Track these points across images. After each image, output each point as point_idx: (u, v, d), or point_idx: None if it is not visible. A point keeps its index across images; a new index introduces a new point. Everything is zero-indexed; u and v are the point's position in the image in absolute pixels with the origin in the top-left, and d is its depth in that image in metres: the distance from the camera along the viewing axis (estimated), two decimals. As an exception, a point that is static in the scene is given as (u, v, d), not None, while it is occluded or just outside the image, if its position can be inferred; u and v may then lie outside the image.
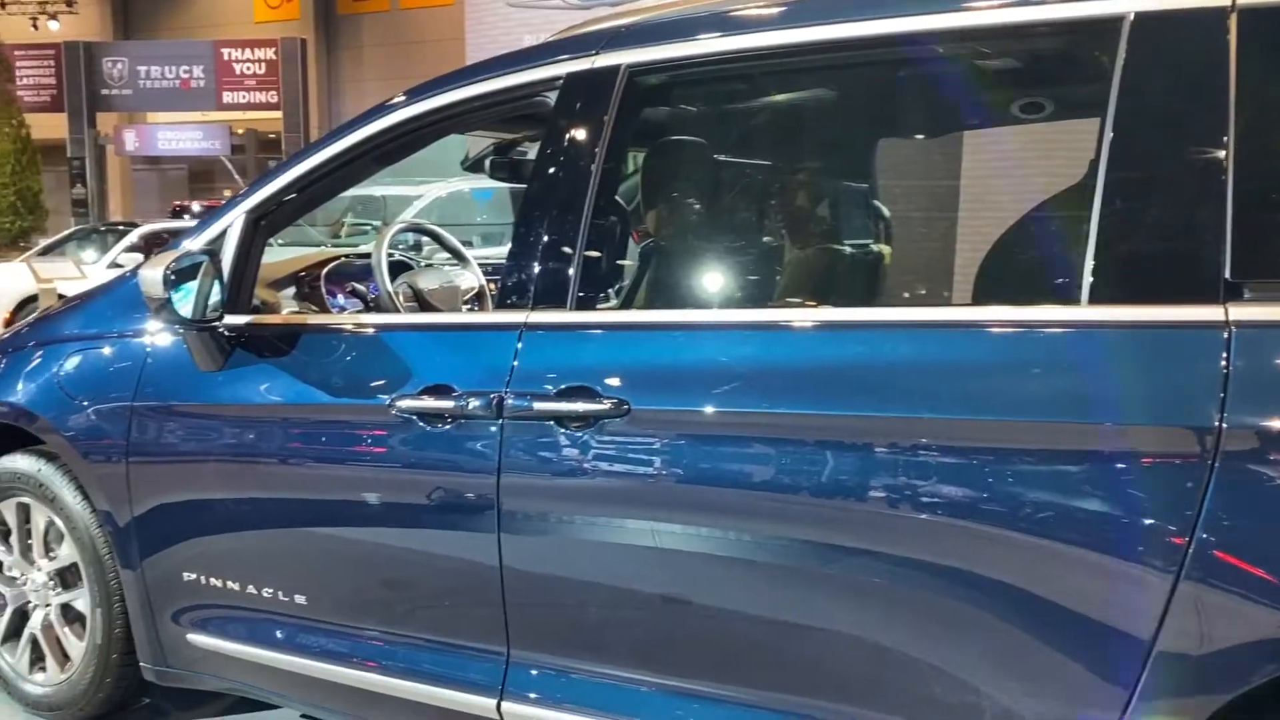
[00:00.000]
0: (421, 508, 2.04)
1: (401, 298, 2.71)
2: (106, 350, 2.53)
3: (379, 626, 2.19)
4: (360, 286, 2.89)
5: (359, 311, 2.90)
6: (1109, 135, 1.54)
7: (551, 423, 1.89)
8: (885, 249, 2.80)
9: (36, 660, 2.76)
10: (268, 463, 2.26)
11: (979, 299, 1.89)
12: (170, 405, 2.38)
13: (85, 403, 2.50)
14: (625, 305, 2.30)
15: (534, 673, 1.99)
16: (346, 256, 3.11)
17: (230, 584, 2.34)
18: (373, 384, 2.13)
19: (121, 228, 12.74)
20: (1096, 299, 1.53)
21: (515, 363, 1.96)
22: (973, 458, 1.56)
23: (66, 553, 2.64)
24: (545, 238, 2.01)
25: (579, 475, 1.87)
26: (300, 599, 2.26)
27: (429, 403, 2.02)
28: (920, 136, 2.77)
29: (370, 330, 2.25)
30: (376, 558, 2.16)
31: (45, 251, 12.27)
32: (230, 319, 2.30)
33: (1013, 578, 1.54)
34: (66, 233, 13.77)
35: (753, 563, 1.76)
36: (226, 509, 2.32)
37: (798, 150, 2.74)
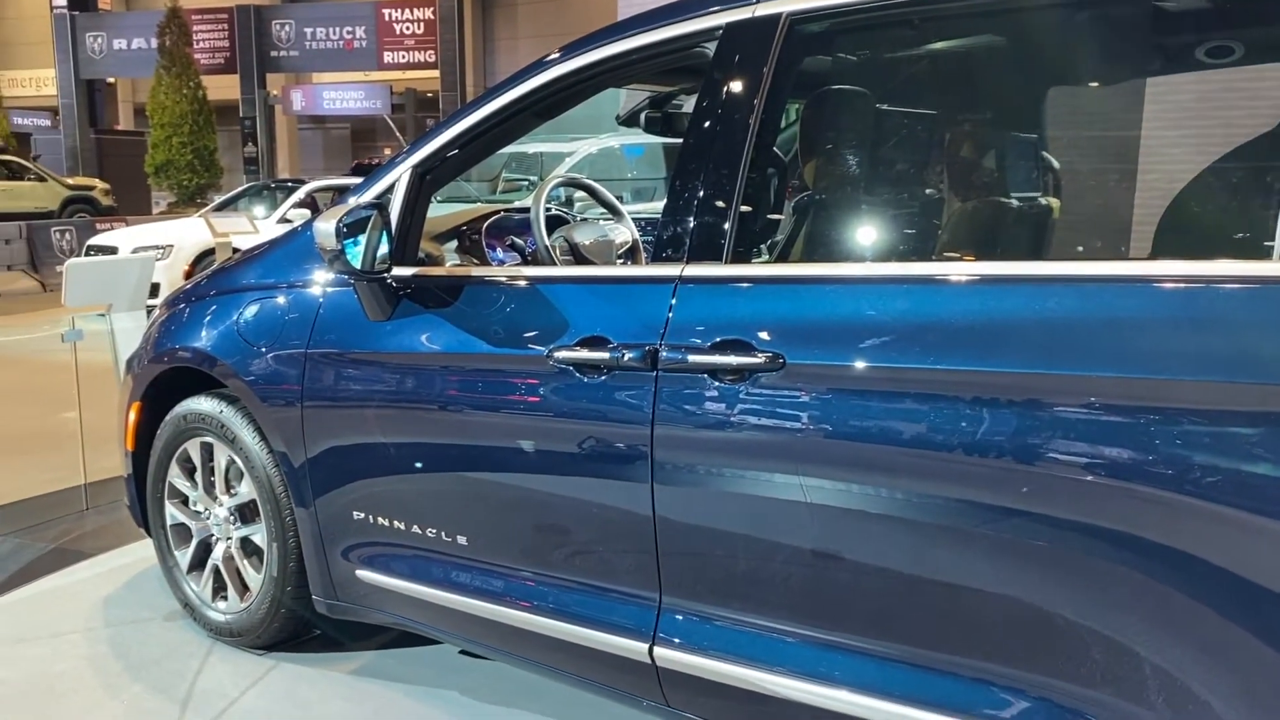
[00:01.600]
0: (576, 456, 2.09)
1: (558, 251, 2.76)
2: (282, 300, 2.66)
3: (534, 568, 2.26)
4: (519, 240, 2.94)
5: (518, 265, 2.96)
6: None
7: (705, 375, 1.90)
8: (1054, 202, 2.69)
9: (219, 589, 2.96)
10: (431, 409, 2.35)
11: (1159, 254, 1.80)
12: (341, 353, 2.50)
13: (263, 349, 2.64)
14: (781, 259, 2.28)
15: (685, 620, 2.03)
16: (505, 211, 3.17)
17: (396, 523, 2.45)
18: (531, 335, 2.18)
19: (290, 184, 13.29)
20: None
21: (670, 315, 1.97)
22: (1145, 418, 1.49)
23: (246, 490, 2.80)
24: (701, 191, 2.01)
25: (732, 428, 1.88)
26: (461, 539, 2.35)
27: (585, 354, 2.06)
28: (1096, 84, 2.64)
29: (529, 283, 2.30)
30: (532, 503, 2.22)
31: (220, 207, 12.92)
32: (397, 270, 2.39)
33: (1182, 544, 1.48)
34: (239, 189, 14.45)
35: (905, 521, 1.74)
36: (392, 452, 2.43)
37: (962, 99, 2.65)
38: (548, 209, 2.86)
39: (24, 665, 2.83)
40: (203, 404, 2.86)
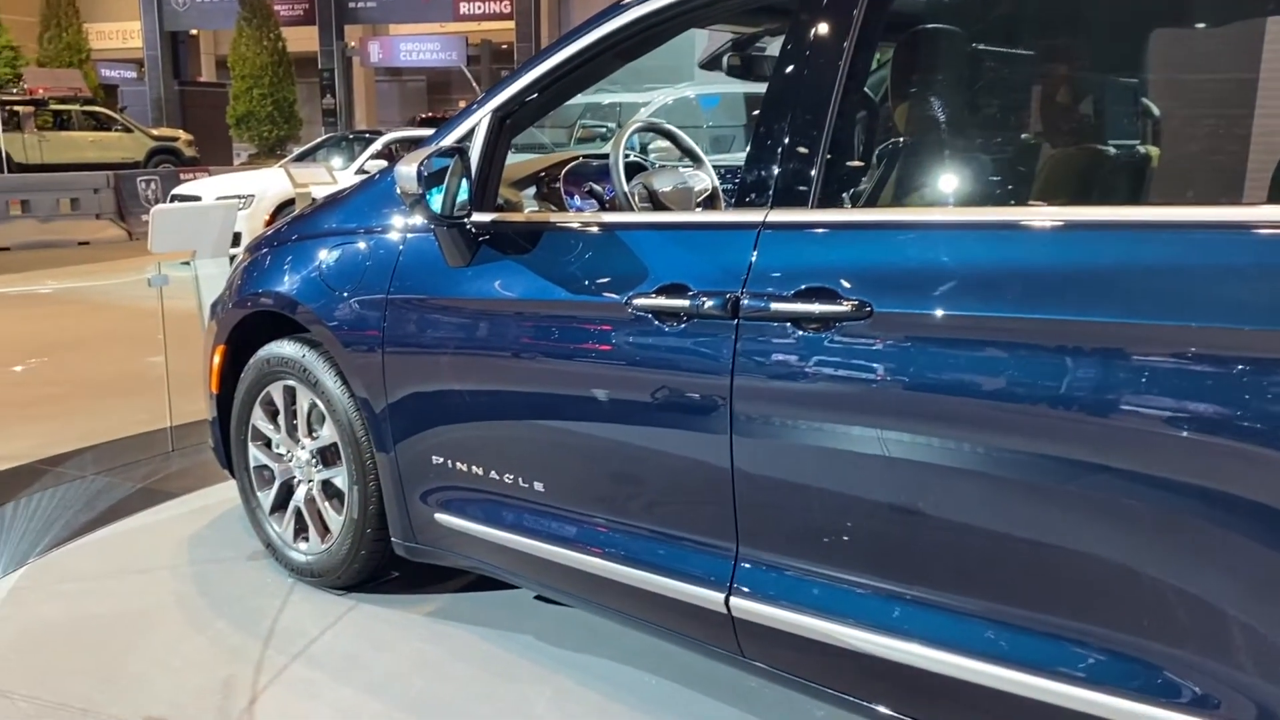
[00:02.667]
0: (654, 405, 2.07)
1: (637, 198, 2.73)
2: (363, 245, 2.67)
3: (610, 516, 2.25)
4: (597, 187, 2.91)
5: (596, 211, 2.94)
6: None
7: (788, 324, 1.86)
8: (1153, 150, 2.58)
9: (300, 531, 3.01)
10: (508, 355, 2.34)
11: (1274, 201, 1.71)
12: (421, 298, 2.50)
13: (344, 294, 2.66)
14: (869, 205, 2.21)
15: (763, 571, 2.00)
16: (584, 158, 3.14)
17: (475, 469, 2.46)
18: (610, 282, 2.15)
19: (367, 136, 13.40)
20: None
21: (752, 262, 1.93)
22: (1253, 372, 1.42)
23: (327, 433, 2.84)
24: (787, 134, 1.96)
25: (814, 378, 1.84)
26: (538, 486, 2.35)
27: (664, 301, 2.03)
28: (1205, 24, 2.51)
29: (608, 229, 2.27)
30: (609, 451, 2.21)
31: (300, 158, 13.08)
32: (477, 216, 2.38)
33: (1274, 500, 1.42)
34: (318, 140, 14.62)
35: (993, 477, 1.69)
36: (470, 399, 2.43)
37: (1060, 42, 2.54)
38: (626, 156, 2.83)
39: (113, 599, 2.92)
40: (285, 348, 2.89)
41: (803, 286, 1.84)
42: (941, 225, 1.82)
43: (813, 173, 1.92)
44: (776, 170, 1.96)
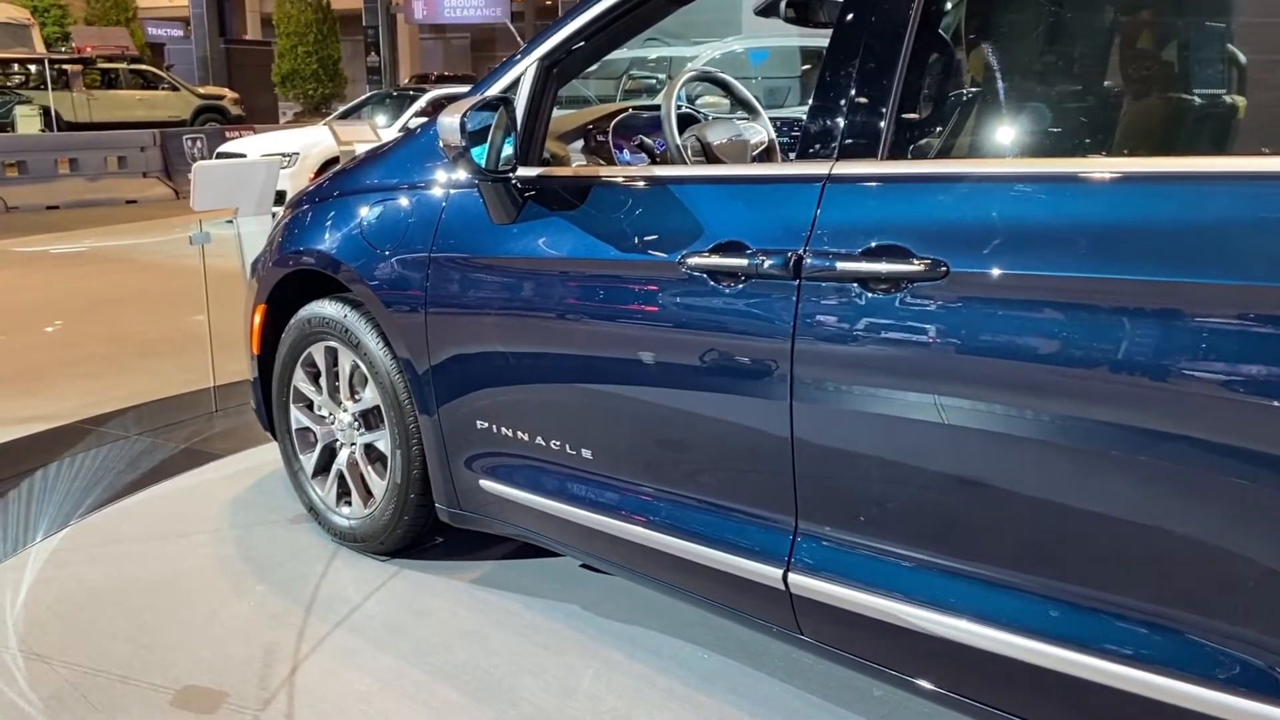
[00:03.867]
0: (710, 370, 1.96)
1: (690, 151, 2.60)
2: (405, 201, 2.58)
3: (662, 486, 2.15)
4: (648, 140, 2.79)
5: (648, 165, 2.81)
6: None
7: (855, 285, 1.74)
8: (1240, 100, 2.40)
9: (343, 495, 2.95)
10: (555, 317, 2.24)
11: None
12: (466, 257, 2.40)
13: (386, 252, 2.57)
14: (944, 156, 2.07)
15: (823, 546, 1.90)
16: (633, 109, 3.01)
17: (520, 434, 2.37)
18: (662, 240, 2.04)
19: (411, 93, 13.31)
20: None
21: (816, 218, 1.81)
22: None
23: (370, 396, 2.76)
24: (855, 81, 1.83)
25: (884, 344, 1.72)
26: (586, 453, 2.26)
27: (720, 261, 1.91)
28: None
29: (660, 184, 2.16)
30: (661, 418, 2.11)
31: (344, 116, 13.02)
32: (522, 171, 2.27)
33: None
34: (362, 98, 14.55)
35: (1074, 449, 1.56)
36: (517, 360, 2.34)
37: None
38: (678, 108, 2.70)
39: (154, 562, 2.88)
40: (327, 308, 2.82)
41: (871, 244, 1.72)
42: (1021, 178, 1.68)
43: (882, 123, 1.79)
44: (843, 120, 1.83)
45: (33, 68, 18.47)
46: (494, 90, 2.36)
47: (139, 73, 20.45)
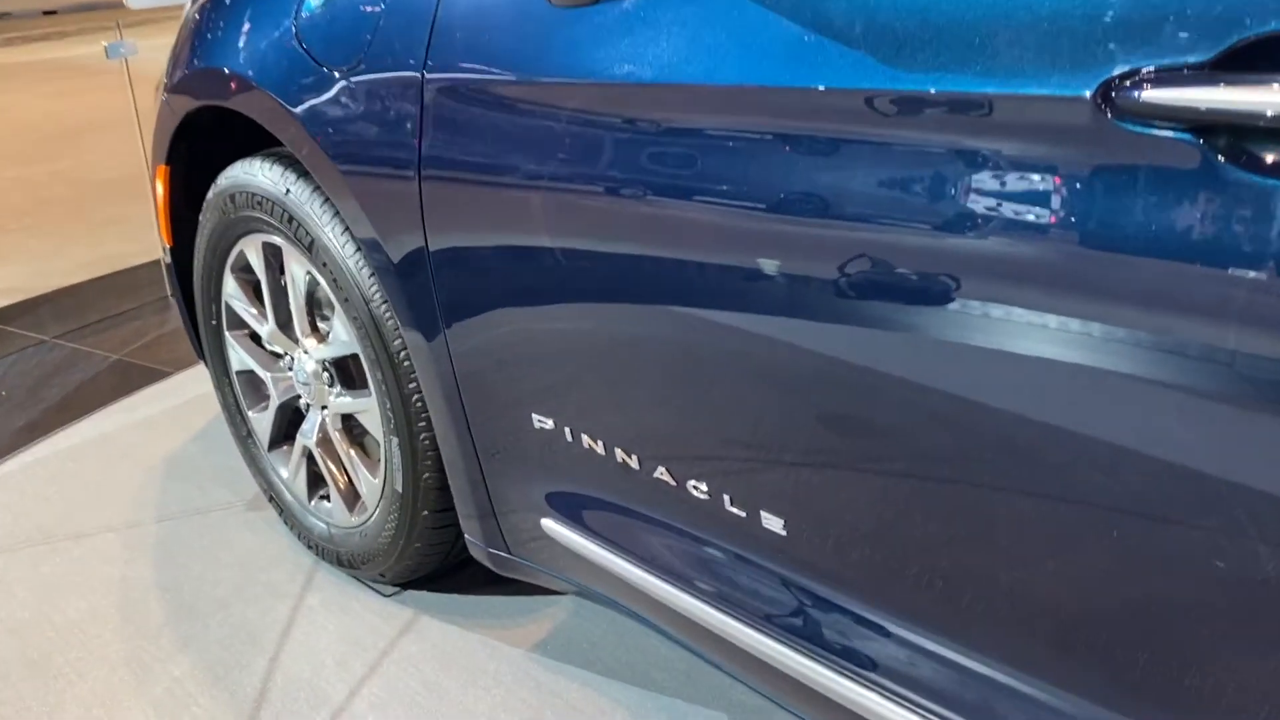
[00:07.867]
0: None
1: None
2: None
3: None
4: None
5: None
6: None
7: None
8: None
9: (318, 483, 1.79)
10: (689, 204, 0.97)
11: None
12: (492, 79, 1.13)
13: (341, 70, 1.30)
14: None
15: None
16: None
17: (618, 450, 1.15)
18: (1063, 53, 0.76)
19: None
20: None
21: None
22: None
23: (341, 333, 1.56)
24: None
25: None
26: (770, 519, 1.05)
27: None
28: None
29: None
30: (945, 457, 0.88)
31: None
32: None
33: None
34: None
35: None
36: (609, 294, 1.10)
37: None
38: None
39: (21, 606, 1.76)
40: (258, 175, 1.58)
41: None
42: None
43: None
44: None
45: None
46: None
47: None
